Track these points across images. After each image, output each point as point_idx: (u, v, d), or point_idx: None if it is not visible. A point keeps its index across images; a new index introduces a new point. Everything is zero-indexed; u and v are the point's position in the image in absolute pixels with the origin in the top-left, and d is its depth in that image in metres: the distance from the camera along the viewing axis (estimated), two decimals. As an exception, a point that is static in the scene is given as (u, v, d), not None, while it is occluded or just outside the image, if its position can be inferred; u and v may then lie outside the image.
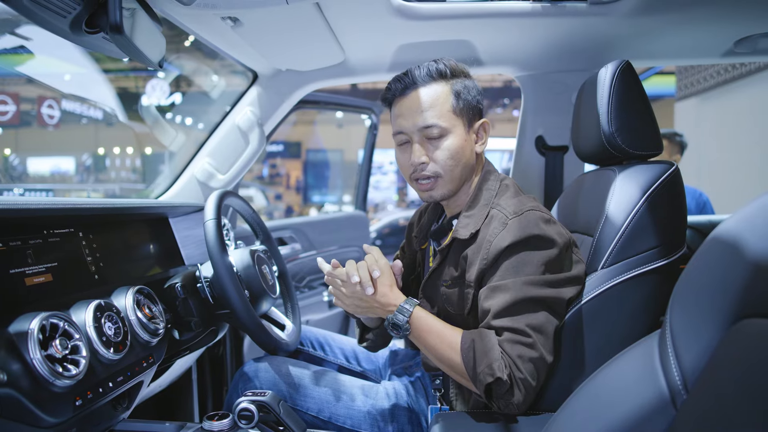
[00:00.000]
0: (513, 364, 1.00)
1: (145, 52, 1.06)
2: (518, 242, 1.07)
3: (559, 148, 1.83)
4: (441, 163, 1.17)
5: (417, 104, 1.16)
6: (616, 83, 1.22)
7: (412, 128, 1.17)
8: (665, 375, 0.56)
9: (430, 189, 1.19)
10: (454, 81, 1.19)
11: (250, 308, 1.26)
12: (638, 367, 0.62)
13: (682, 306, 0.57)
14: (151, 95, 10.56)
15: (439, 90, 1.17)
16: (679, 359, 0.54)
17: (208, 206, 1.32)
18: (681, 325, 0.56)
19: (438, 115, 1.15)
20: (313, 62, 1.70)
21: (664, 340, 0.58)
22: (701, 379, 0.52)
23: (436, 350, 1.10)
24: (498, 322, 1.04)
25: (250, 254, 1.42)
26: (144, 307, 1.18)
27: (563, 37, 1.59)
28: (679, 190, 1.17)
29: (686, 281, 0.58)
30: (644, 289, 1.14)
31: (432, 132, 1.16)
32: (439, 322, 1.12)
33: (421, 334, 1.11)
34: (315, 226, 2.57)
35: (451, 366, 1.08)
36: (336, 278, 1.18)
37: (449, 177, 1.18)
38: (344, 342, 1.59)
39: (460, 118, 1.18)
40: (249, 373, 1.29)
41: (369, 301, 1.15)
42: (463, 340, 1.07)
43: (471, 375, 1.03)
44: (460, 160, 1.17)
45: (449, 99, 1.17)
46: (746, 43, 1.59)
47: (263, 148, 1.81)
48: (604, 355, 1.13)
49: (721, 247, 0.53)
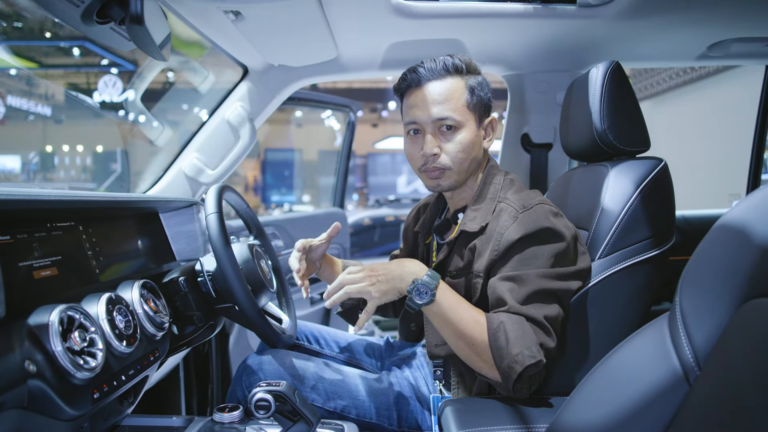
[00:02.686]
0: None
1: (156, 42, 1.05)
2: (529, 235, 1.11)
3: (544, 146, 1.90)
4: (452, 155, 1.20)
5: (432, 96, 1.19)
6: (607, 82, 1.29)
7: (426, 119, 1.20)
8: (677, 353, 0.59)
9: (438, 178, 1.22)
10: (469, 77, 1.22)
11: (254, 302, 1.26)
12: (650, 347, 0.66)
13: (692, 289, 0.60)
14: (104, 91, 10.21)
15: (454, 84, 1.20)
16: (691, 338, 0.58)
17: (209, 200, 1.31)
18: (691, 307, 0.59)
19: (453, 109, 1.19)
20: (306, 58, 1.71)
21: (675, 321, 0.61)
22: (713, 355, 0.56)
23: (460, 326, 1.08)
24: (519, 310, 1.08)
25: (248, 248, 1.42)
26: (149, 301, 1.17)
27: (551, 38, 1.65)
28: (668, 184, 1.24)
29: (695, 266, 0.61)
30: (638, 277, 1.20)
31: (446, 124, 1.19)
32: (462, 298, 1.13)
33: (444, 306, 1.09)
34: (296, 223, 2.57)
35: (473, 344, 1.08)
36: (340, 284, 1.12)
37: (458, 169, 1.22)
38: (338, 335, 1.60)
39: (472, 113, 1.22)
40: (253, 365, 1.29)
41: (381, 272, 1.10)
42: (489, 320, 1.08)
43: (501, 355, 1.04)
44: (469, 154, 1.21)
45: (464, 94, 1.21)
46: (719, 48, 1.69)
47: (253, 143, 1.81)
48: (601, 341, 1.19)
49: (729, 234, 0.56)
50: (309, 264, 1.43)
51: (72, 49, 10.79)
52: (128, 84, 10.08)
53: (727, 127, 6.07)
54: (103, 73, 10.49)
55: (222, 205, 1.32)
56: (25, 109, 11.26)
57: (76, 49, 10.78)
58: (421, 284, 1.09)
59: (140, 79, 1.77)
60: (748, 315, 0.52)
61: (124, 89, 10.38)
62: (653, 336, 0.66)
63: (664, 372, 0.60)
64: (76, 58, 11.24)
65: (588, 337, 1.18)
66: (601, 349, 1.18)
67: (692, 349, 0.57)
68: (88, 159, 13.29)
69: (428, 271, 1.12)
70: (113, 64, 10.71)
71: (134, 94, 1.88)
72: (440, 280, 1.12)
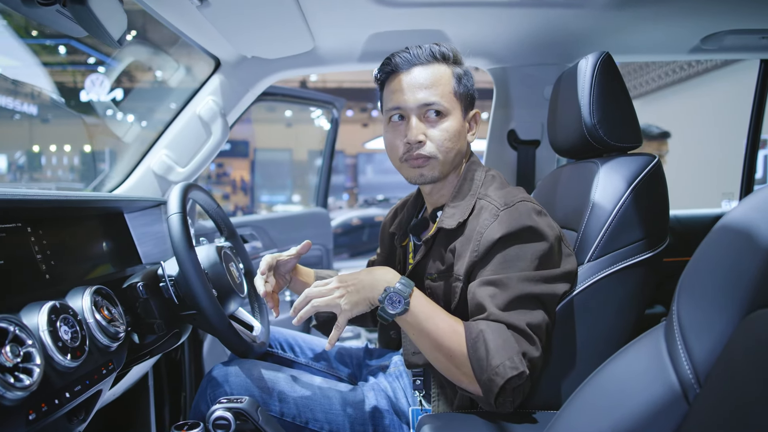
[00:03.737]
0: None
1: (106, 27, 0.96)
2: (510, 234, 1.03)
3: (531, 143, 1.83)
4: (438, 143, 1.13)
5: (419, 81, 1.13)
6: (597, 74, 1.21)
7: (412, 104, 1.13)
8: (675, 369, 0.54)
9: (422, 167, 1.15)
10: (455, 66, 1.17)
11: (220, 308, 1.18)
12: (645, 361, 0.60)
13: (690, 297, 0.55)
14: (91, 90, 10.07)
15: (441, 71, 1.14)
16: (690, 352, 0.52)
17: (172, 199, 1.23)
18: (690, 317, 0.54)
19: (441, 94, 1.13)
20: (281, 49, 1.62)
21: (672, 333, 0.56)
22: (715, 372, 0.50)
23: (435, 337, 1.01)
24: (500, 317, 1.00)
25: (216, 251, 1.33)
26: (102, 308, 1.07)
27: (538, 29, 1.58)
28: (662, 182, 1.17)
29: (693, 271, 0.56)
30: (630, 282, 1.13)
31: (433, 109, 1.13)
32: (438, 307, 1.06)
33: (419, 316, 1.02)
34: (276, 224, 2.48)
35: (451, 356, 1.01)
36: (306, 298, 1.05)
37: (443, 159, 1.15)
38: (314, 342, 1.51)
39: (459, 102, 1.16)
40: (218, 377, 1.20)
41: (351, 282, 1.04)
42: (468, 330, 1.01)
43: (481, 367, 0.96)
44: (456, 144, 1.15)
45: (451, 81, 1.15)
46: (712, 40, 1.62)
47: (226, 139, 1.72)
48: (591, 351, 1.11)
49: (731, 236, 0.52)
50: (278, 278, 1.36)
51: (58, 47, 10.65)
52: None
53: (717, 126, 6.05)
54: (90, 72, 10.35)
55: (186, 204, 1.23)
56: (10, 108, 11.09)
57: (62, 47, 10.64)
58: (394, 293, 1.01)
59: (108, 74, 1.67)
60: (754, 326, 0.48)
61: (112, 88, 10.27)
62: (648, 349, 0.61)
63: (661, 390, 0.55)
64: (62, 56, 11.09)
65: (576, 347, 1.10)
66: (591, 360, 1.11)
67: (691, 365, 0.52)
68: (75, 159, 13.12)
69: (401, 278, 1.05)
70: (99, 62, 10.59)
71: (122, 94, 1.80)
72: (414, 288, 1.04)
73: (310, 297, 1.05)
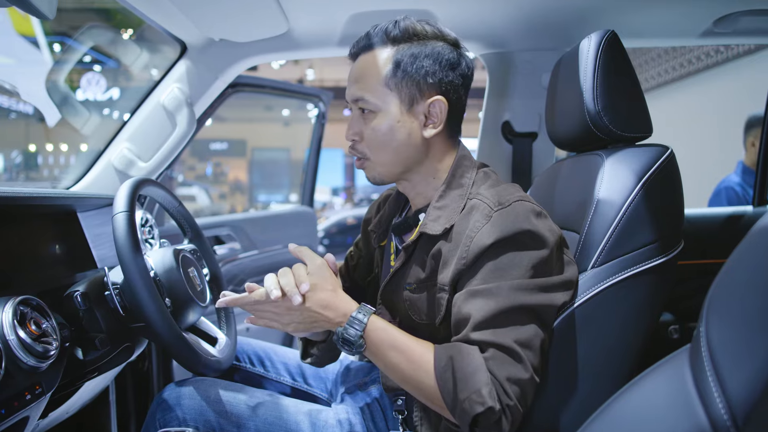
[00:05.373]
0: (501, 387, 0.82)
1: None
2: (505, 239, 0.88)
3: (528, 135, 1.68)
4: (367, 143, 1.01)
5: (354, 72, 1.02)
6: (602, 55, 1.07)
7: (349, 99, 1.03)
8: (705, 406, 0.44)
9: (361, 168, 1.05)
10: (402, 46, 0.99)
11: (170, 320, 1.03)
12: (665, 395, 0.50)
13: (723, 317, 0.45)
14: (87, 89, 9.91)
15: (375, 58, 0.99)
16: (724, 385, 0.42)
17: (119, 196, 1.08)
18: (723, 342, 0.44)
19: (364, 88, 0.99)
20: (252, 32, 1.47)
21: (699, 360, 0.46)
22: (757, 412, 0.41)
23: (401, 370, 0.90)
24: (479, 336, 0.85)
25: (173, 255, 1.19)
26: (30, 323, 0.93)
27: (534, 10, 1.43)
28: (676, 176, 1.02)
29: (727, 285, 0.47)
30: (639, 291, 0.98)
31: (361, 107, 1.01)
32: (403, 334, 0.92)
33: (380, 351, 0.91)
34: (256, 223, 2.33)
35: (421, 390, 0.89)
36: (256, 305, 0.96)
37: (377, 161, 1.02)
38: (289, 355, 1.37)
39: (396, 92, 0.98)
40: (169, 400, 1.06)
41: (308, 313, 0.93)
42: (438, 358, 0.87)
43: (450, 402, 0.84)
44: (389, 144, 0.99)
45: (385, 68, 0.98)
46: (726, 22, 1.47)
47: (193, 131, 1.57)
48: (593, 369, 0.97)
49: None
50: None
51: (53, 45, 10.53)
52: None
53: (724, 123, 5.90)
54: (85, 70, 10.21)
55: (134, 203, 1.09)
56: (6, 107, 10.95)
57: (57, 45, 10.51)
58: (345, 334, 0.92)
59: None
60: None
61: (108, 87, 10.13)
62: (669, 379, 0.51)
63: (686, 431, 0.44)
64: (56, 54, 10.96)
65: (577, 367, 0.96)
66: (595, 382, 0.96)
67: (726, 402, 0.42)
68: (72, 158, 13.00)
69: (359, 308, 0.94)
70: (95, 61, 10.44)
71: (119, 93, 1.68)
72: (372, 317, 0.93)
73: (261, 313, 0.97)
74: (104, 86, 9.21)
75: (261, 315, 0.97)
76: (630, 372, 0.99)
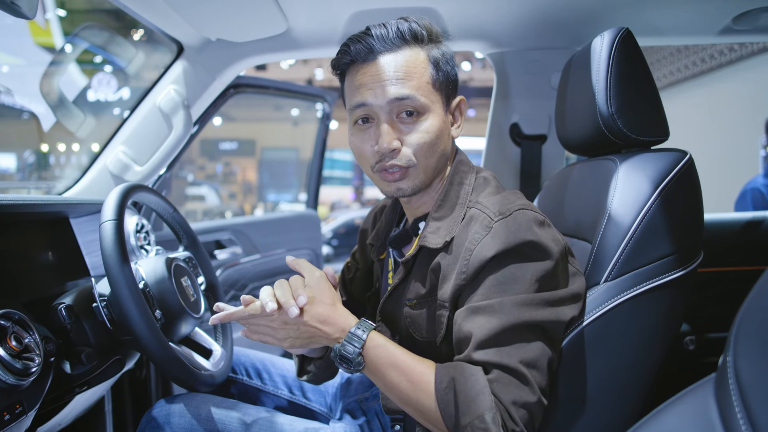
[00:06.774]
0: (506, 412, 0.76)
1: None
2: (507, 251, 0.82)
3: (537, 138, 1.61)
4: (416, 148, 0.90)
5: (387, 72, 0.89)
6: (615, 54, 1.00)
7: (381, 102, 0.90)
8: None
9: (400, 180, 0.92)
10: (431, 46, 0.93)
11: (158, 334, 0.98)
12: (689, 430, 0.45)
13: (755, 346, 0.41)
14: (98, 90, 9.92)
15: (414, 56, 0.91)
16: (755, 422, 0.39)
17: (106, 204, 1.04)
18: (754, 375, 0.41)
19: (416, 87, 0.89)
20: (249, 32, 1.41)
21: (726, 394, 0.42)
22: None
23: (401, 390, 0.84)
24: (482, 356, 0.80)
25: (165, 264, 1.14)
26: (10, 338, 0.88)
27: (544, 7, 1.37)
28: (696, 183, 0.96)
29: (758, 310, 0.42)
30: (656, 306, 0.92)
31: (406, 109, 0.90)
32: (404, 352, 0.87)
33: (379, 369, 0.86)
34: (258, 227, 2.27)
35: (421, 411, 0.83)
36: (252, 318, 0.90)
37: (424, 167, 0.92)
38: (287, 367, 1.32)
39: (439, 93, 0.93)
40: (158, 418, 1.01)
41: (305, 328, 0.88)
42: (439, 378, 0.82)
43: (452, 427, 0.79)
44: (438, 146, 0.92)
45: (428, 69, 0.91)
46: (746, 19, 1.40)
47: (190, 134, 1.52)
48: (606, 390, 0.91)
49: None
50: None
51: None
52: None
53: (738, 122, 5.78)
54: (94, 71, 10.23)
55: (123, 210, 1.04)
56: (18, 107, 11.00)
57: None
58: (344, 350, 0.87)
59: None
60: None
61: (119, 87, 10.14)
62: (693, 412, 0.46)
63: None
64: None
65: (588, 389, 0.89)
66: (609, 405, 0.90)
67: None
68: (83, 158, 13.05)
69: (354, 325, 0.88)
70: (105, 61, 10.46)
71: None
72: (371, 334, 0.87)
73: (256, 327, 0.91)
74: (115, 86, 9.21)
75: (255, 329, 0.92)
76: (647, 393, 0.93)
